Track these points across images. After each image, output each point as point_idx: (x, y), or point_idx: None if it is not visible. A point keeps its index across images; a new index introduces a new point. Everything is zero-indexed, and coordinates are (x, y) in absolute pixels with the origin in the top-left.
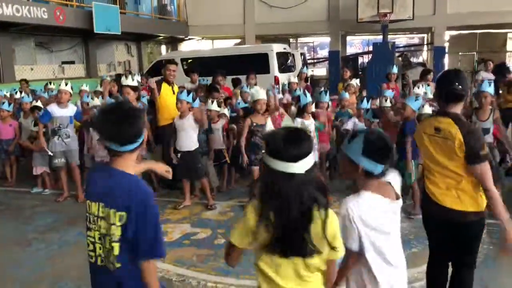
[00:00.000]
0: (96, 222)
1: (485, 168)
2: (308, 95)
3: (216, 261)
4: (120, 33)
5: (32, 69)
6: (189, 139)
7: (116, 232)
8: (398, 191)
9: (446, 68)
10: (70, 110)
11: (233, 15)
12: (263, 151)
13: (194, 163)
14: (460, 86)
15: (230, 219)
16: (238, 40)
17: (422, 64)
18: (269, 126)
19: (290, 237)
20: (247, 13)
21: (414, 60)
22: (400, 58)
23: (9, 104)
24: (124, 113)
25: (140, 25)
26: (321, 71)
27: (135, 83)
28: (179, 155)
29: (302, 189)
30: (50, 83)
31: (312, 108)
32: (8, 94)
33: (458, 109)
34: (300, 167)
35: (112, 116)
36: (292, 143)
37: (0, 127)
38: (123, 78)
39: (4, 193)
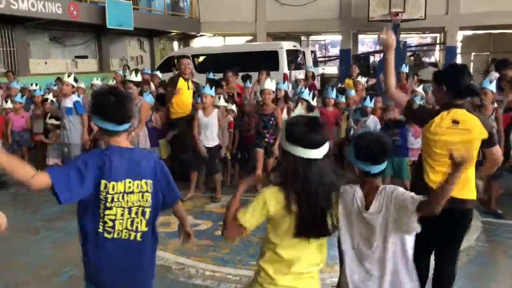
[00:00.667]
0: (122, 198)
1: (498, 147)
2: (306, 92)
3: (216, 251)
4: (132, 29)
5: (46, 63)
6: (211, 135)
7: (149, 198)
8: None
9: None
10: (68, 101)
11: (245, 13)
12: (265, 139)
13: (213, 158)
14: (472, 82)
15: None
16: (250, 38)
17: (434, 64)
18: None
19: (316, 219)
20: (258, 11)
21: (426, 60)
22: (412, 58)
23: (22, 96)
24: (120, 94)
25: (153, 21)
26: (332, 69)
27: (138, 79)
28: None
29: (322, 173)
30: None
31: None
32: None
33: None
34: (319, 153)
35: (110, 98)
36: (313, 130)
37: (13, 118)
38: (127, 73)
39: (15, 184)
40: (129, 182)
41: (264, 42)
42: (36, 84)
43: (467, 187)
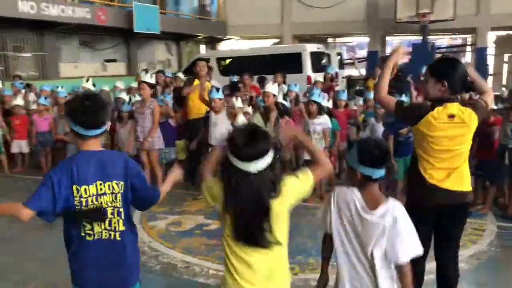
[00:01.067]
0: (96, 201)
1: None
2: (316, 93)
3: (223, 251)
4: (159, 33)
5: (75, 66)
6: (220, 134)
7: (121, 198)
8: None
9: (490, 71)
10: None
11: (271, 15)
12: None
13: None
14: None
15: None
16: (276, 40)
17: None
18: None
19: (248, 229)
20: (284, 13)
21: None
22: None
23: (45, 98)
24: (94, 101)
25: (180, 25)
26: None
27: (152, 80)
28: (210, 149)
29: (256, 186)
30: (87, 80)
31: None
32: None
33: None
34: (254, 166)
35: (84, 102)
36: (249, 144)
37: (37, 120)
38: (142, 74)
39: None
40: (100, 184)
41: (289, 44)
42: (62, 87)
43: (465, 180)
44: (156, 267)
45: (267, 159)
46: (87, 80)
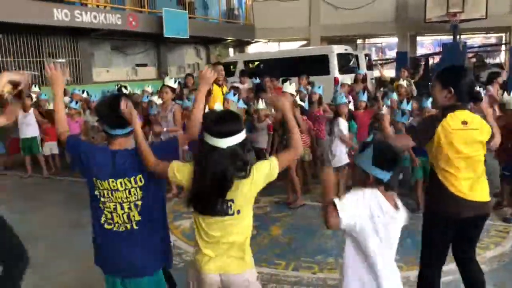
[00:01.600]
0: (111, 195)
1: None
2: (339, 97)
3: None
4: (188, 37)
5: (108, 71)
6: None
7: (138, 191)
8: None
9: None
10: None
11: (299, 17)
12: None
13: None
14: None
15: (266, 213)
16: (304, 42)
17: (499, 66)
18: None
19: (204, 199)
20: (312, 15)
21: (490, 61)
22: (474, 59)
23: (76, 103)
24: (117, 101)
25: (209, 29)
26: (389, 72)
27: (175, 85)
28: None
29: (222, 160)
30: (125, 87)
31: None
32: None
33: None
34: (223, 142)
35: (107, 103)
36: (219, 122)
37: (69, 123)
38: (166, 78)
39: (72, 183)
40: (112, 182)
41: (316, 46)
42: (83, 91)
43: (486, 190)
44: (180, 265)
45: (237, 139)
46: (119, 87)
